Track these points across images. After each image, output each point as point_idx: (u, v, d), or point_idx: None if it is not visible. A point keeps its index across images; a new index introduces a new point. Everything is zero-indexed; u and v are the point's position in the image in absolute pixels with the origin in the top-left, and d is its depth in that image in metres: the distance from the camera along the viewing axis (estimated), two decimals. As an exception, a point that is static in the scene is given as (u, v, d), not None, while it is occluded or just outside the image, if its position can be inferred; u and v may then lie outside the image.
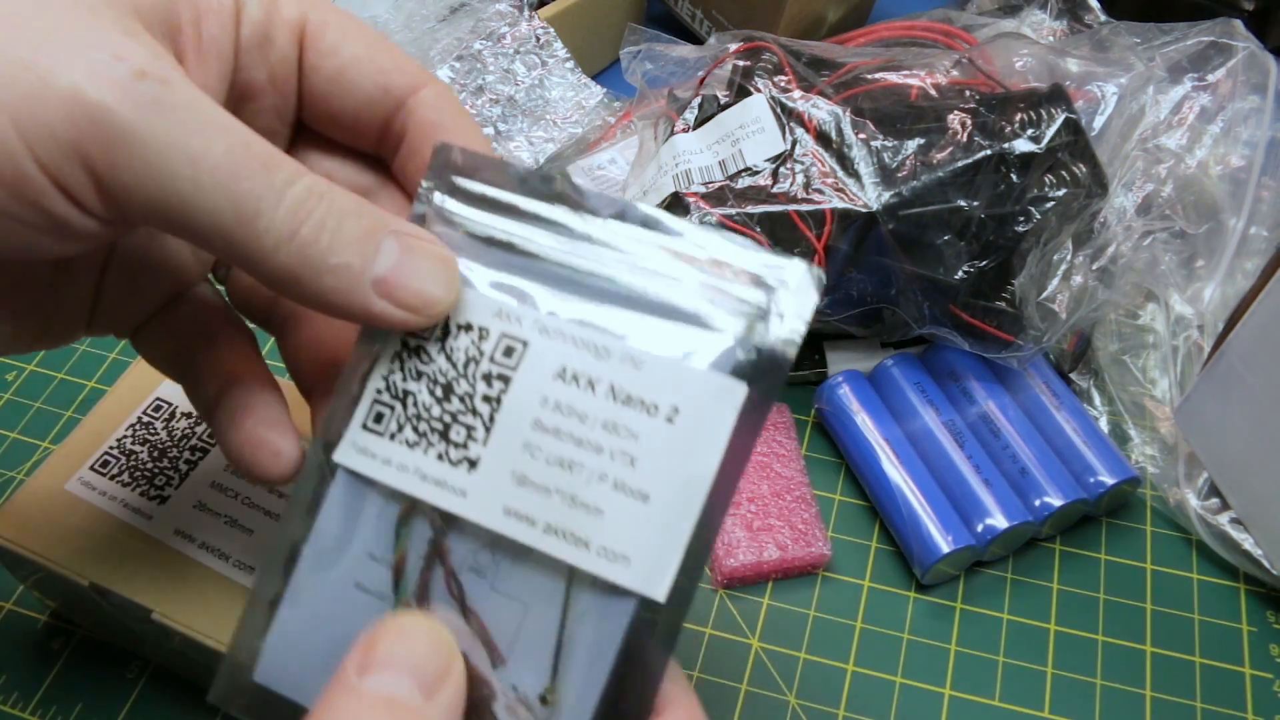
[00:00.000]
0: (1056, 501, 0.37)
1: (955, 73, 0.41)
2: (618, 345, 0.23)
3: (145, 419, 0.34)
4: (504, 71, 0.50)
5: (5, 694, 0.35)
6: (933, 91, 0.40)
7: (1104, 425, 0.41)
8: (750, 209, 0.38)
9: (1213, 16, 0.43)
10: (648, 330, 0.23)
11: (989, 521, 0.37)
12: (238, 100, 0.24)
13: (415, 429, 0.23)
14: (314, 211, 0.21)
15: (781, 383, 0.23)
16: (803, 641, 0.36)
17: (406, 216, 0.24)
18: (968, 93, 0.40)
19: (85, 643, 0.36)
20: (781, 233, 0.38)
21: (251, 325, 0.28)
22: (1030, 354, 0.39)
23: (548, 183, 0.24)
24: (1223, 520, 0.38)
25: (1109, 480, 0.38)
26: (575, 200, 0.24)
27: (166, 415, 0.34)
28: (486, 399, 0.23)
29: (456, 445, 0.23)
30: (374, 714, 0.19)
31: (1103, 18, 0.50)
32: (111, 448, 0.33)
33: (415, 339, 0.24)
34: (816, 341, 0.43)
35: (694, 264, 0.23)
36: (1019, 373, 0.41)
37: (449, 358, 0.23)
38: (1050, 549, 0.39)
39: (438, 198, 0.24)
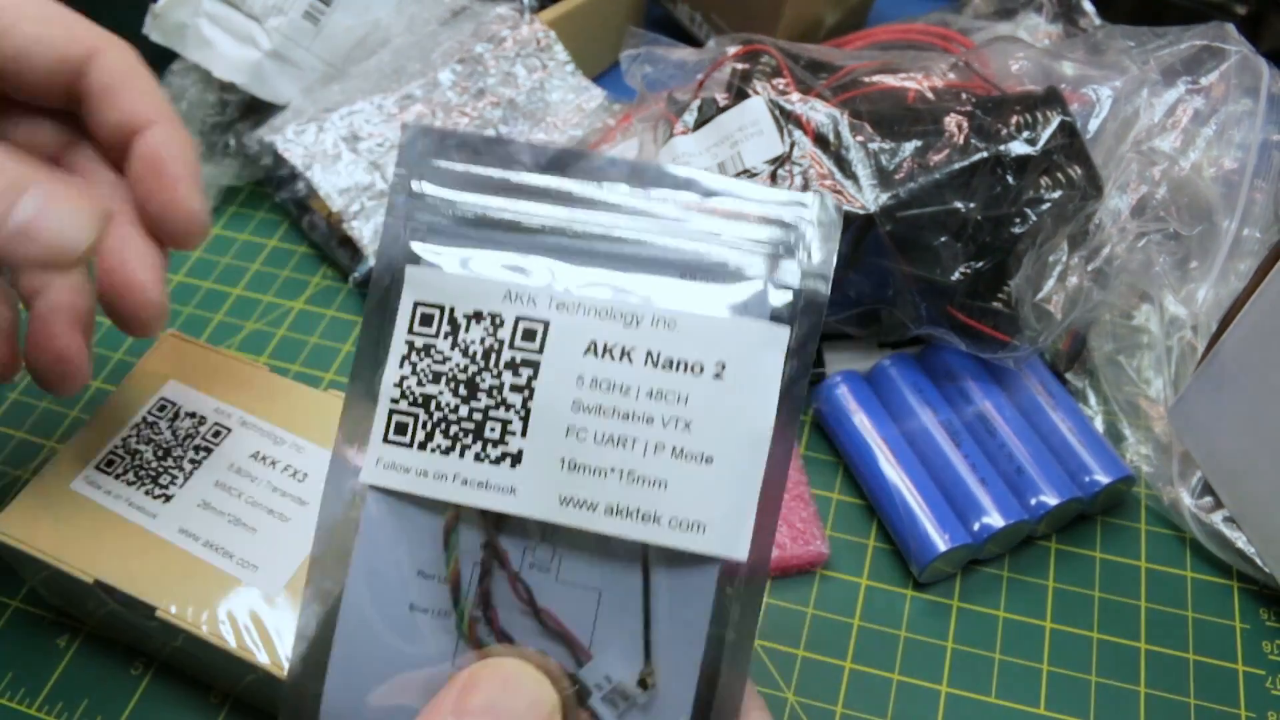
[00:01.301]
0: (1052, 500, 0.37)
1: (952, 75, 0.42)
2: (646, 309, 0.22)
3: (150, 419, 0.34)
4: (505, 74, 0.51)
5: (12, 690, 0.35)
6: (930, 94, 0.41)
7: (1099, 425, 0.41)
8: (749, 211, 0.39)
9: (1206, 20, 0.43)
10: (674, 288, 0.22)
11: (985, 520, 0.37)
12: None
13: (445, 433, 0.22)
14: None
15: (820, 319, 0.22)
16: (801, 639, 0.37)
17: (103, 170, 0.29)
18: (964, 95, 0.40)
19: (91, 639, 0.36)
20: (780, 234, 0.38)
21: None
22: (1026, 354, 0.40)
23: (537, 150, 0.23)
24: (1216, 519, 0.38)
25: (1104, 479, 0.38)
26: (571, 165, 0.23)
27: (171, 415, 0.34)
28: (516, 388, 0.22)
29: (494, 442, 0.22)
30: None
31: (1097, 21, 0.51)
32: (117, 447, 0.34)
33: (422, 338, 0.22)
34: (814, 342, 0.44)
35: (708, 213, 0.22)
36: (1015, 373, 0.41)
37: (465, 352, 0.22)
38: (1046, 547, 0.39)
39: (415, 184, 0.23)
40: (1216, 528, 0.38)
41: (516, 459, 0.22)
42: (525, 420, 0.22)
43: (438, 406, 0.22)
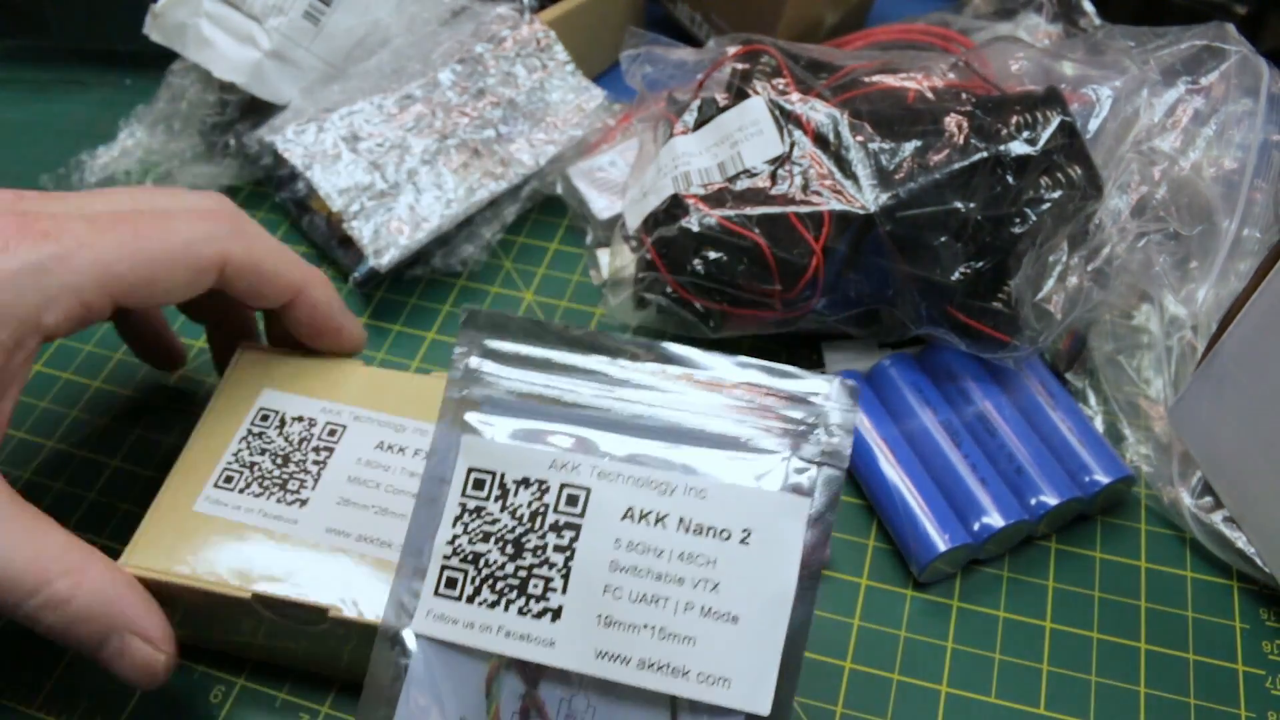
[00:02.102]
0: (1052, 500, 0.37)
1: (952, 75, 0.42)
2: (679, 480, 0.24)
3: (256, 429, 0.34)
4: (505, 74, 0.51)
5: (11, 691, 0.35)
6: (929, 94, 0.41)
7: (1099, 425, 0.41)
8: (749, 211, 0.39)
9: (1206, 20, 0.43)
10: (705, 461, 0.24)
11: (985, 520, 0.37)
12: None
13: (492, 588, 0.24)
14: (45, 619, 0.29)
15: (839, 491, 0.24)
16: (801, 639, 0.37)
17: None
18: (964, 95, 0.40)
19: (90, 640, 0.36)
20: (780, 234, 0.38)
21: None
22: (1026, 354, 0.40)
23: (581, 334, 0.25)
24: (1216, 519, 0.38)
25: (1104, 479, 0.38)
26: (610, 347, 0.25)
27: (277, 423, 0.34)
28: (559, 549, 0.24)
29: (536, 598, 0.24)
30: None
31: (1097, 21, 0.51)
32: (230, 463, 0.33)
33: (474, 500, 0.24)
34: (814, 342, 0.44)
35: (735, 392, 0.25)
36: (1015, 373, 0.41)
37: (513, 514, 0.24)
38: (1046, 547, 0.39)
39: (473, 361, 0.26)
40: (1216, 528, 0.38)
41: (557, 614, 0.23)
42: (566, 578, 0.24)
43: (486, 564, 0.24)
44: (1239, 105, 0.41)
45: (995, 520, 0.37)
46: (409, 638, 0.24)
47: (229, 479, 0.33)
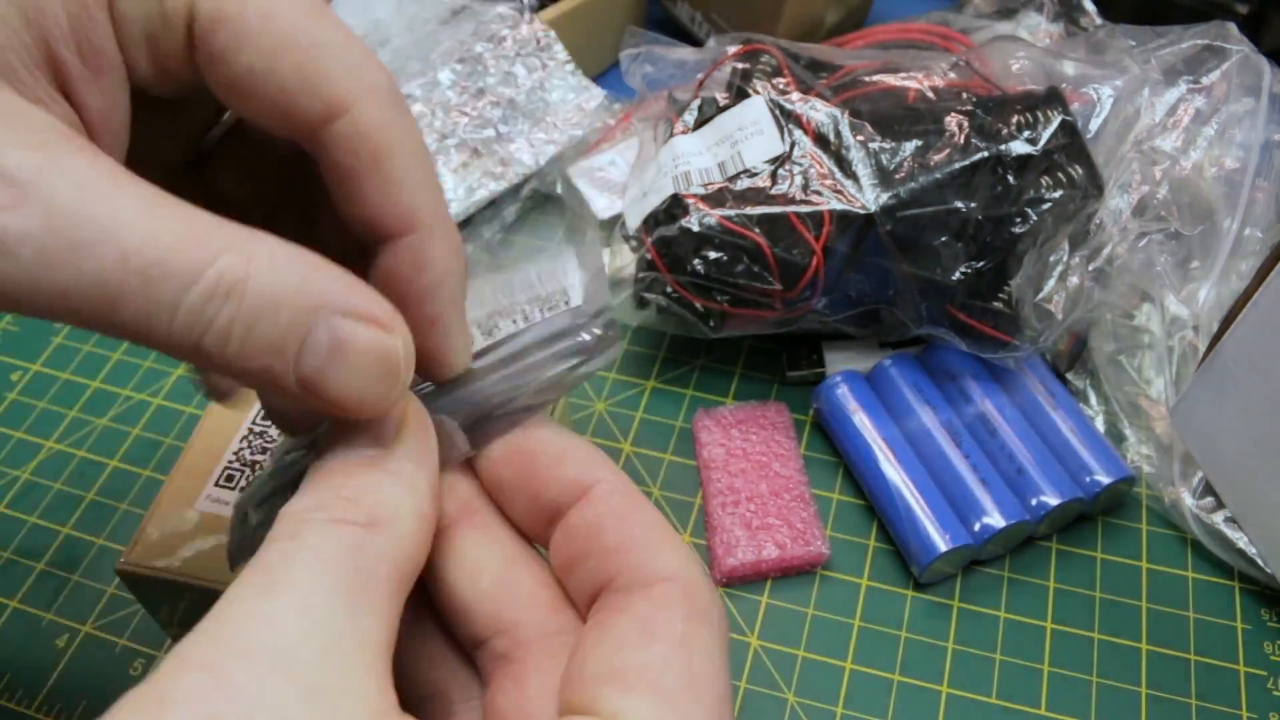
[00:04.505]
0: (1053, 500, 0.37)
1: (952, 75, 0.42)
2: None
3: (257, 429, 0.33)
4: (505, 74, 0.51)
5: (10, 692, 0.35)
6: (930, 94, 0.40)
7: (1100, 425, 0.41)
8: (749, 210, 0.39)
9: (1207, 19, 0.43)
10: None
11: (986, 520, 0.37)
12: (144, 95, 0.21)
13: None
14: (216, 319, 0.18)
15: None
16: (801, 640, 0.37)
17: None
18: (965, 95, 0.40)
19: (89, 640, 0.36)
20: (780, 234, 0.38)
21: None
22: (1027, 354, 0.39)
23: None
24: (1217, 519, 0.38)
25: (1105, 479, 0.38)
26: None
27: None
28: None
29: None
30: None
31: (1098, 21, 0.51)
32: (231, 462, 0.33)
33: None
34: (815, 342, 0.44)
35: None
36: (1016, 373, 0.41)
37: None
38: (1047, 548, 0.39)
39: None
40: (1218, 528, 0.38)
41: None
42: None
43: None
44: (1240, 105, 0.41)
45: (996, 520, 0.37)
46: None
47: (230, 478, 0.33)
